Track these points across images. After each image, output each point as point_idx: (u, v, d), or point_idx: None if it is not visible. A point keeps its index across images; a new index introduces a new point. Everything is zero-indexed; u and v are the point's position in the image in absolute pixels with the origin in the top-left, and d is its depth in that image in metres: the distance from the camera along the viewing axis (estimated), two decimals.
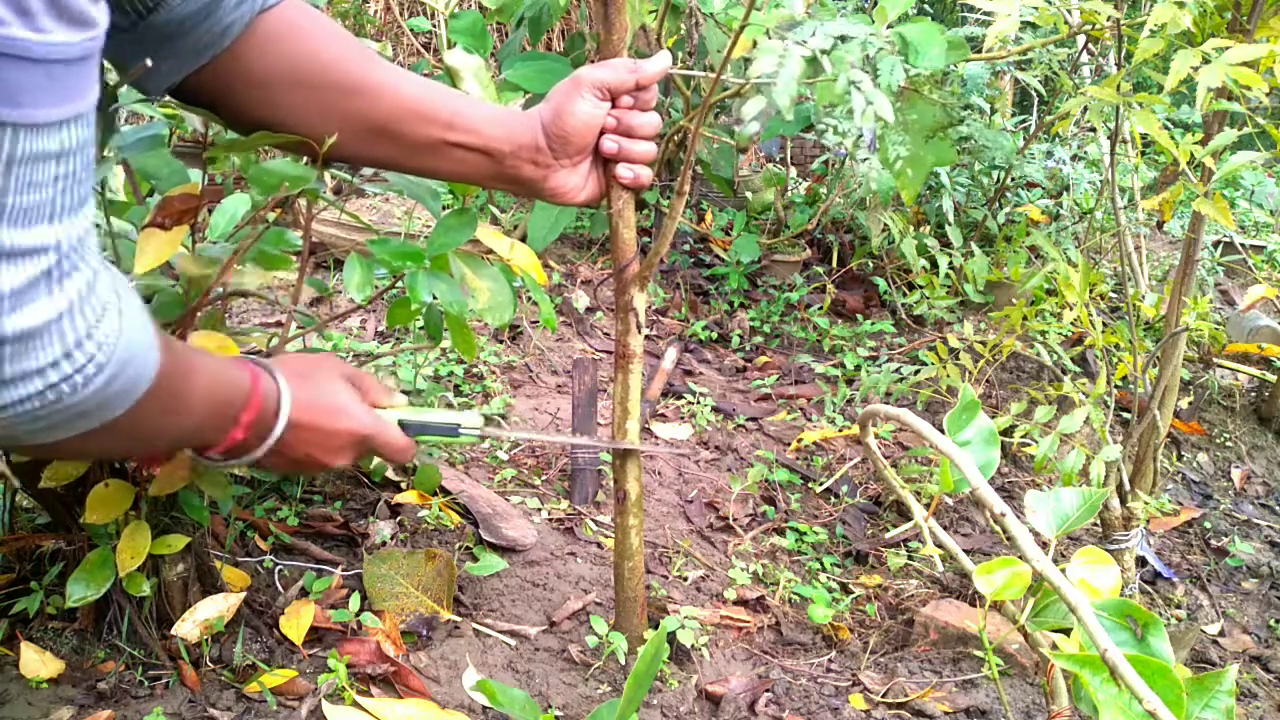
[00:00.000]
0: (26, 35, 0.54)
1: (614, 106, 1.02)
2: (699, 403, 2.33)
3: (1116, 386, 2.34)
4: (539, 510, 1.72)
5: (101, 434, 0.67)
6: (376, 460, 1.35)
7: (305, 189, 0.95)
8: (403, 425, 0.98)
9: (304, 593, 1.35)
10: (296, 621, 1.25)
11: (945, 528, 2.03)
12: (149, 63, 0.81)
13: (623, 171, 1.06)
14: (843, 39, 0.97)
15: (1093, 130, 3.21)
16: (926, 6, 4.98)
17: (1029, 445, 1.88)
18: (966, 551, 1.54)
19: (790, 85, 0.94)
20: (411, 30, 3.78)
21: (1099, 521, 1.86)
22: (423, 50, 4.09)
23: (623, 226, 1.14)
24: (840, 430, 2.28)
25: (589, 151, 1.04)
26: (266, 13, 0.89)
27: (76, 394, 0.62)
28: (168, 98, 0.92)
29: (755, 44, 1.01)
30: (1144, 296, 1.98)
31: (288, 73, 0.91)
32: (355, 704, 1.13)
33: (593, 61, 1.07)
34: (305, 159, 0.97)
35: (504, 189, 1.06)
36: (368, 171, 1.12)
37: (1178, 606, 2.04)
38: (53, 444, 0.66)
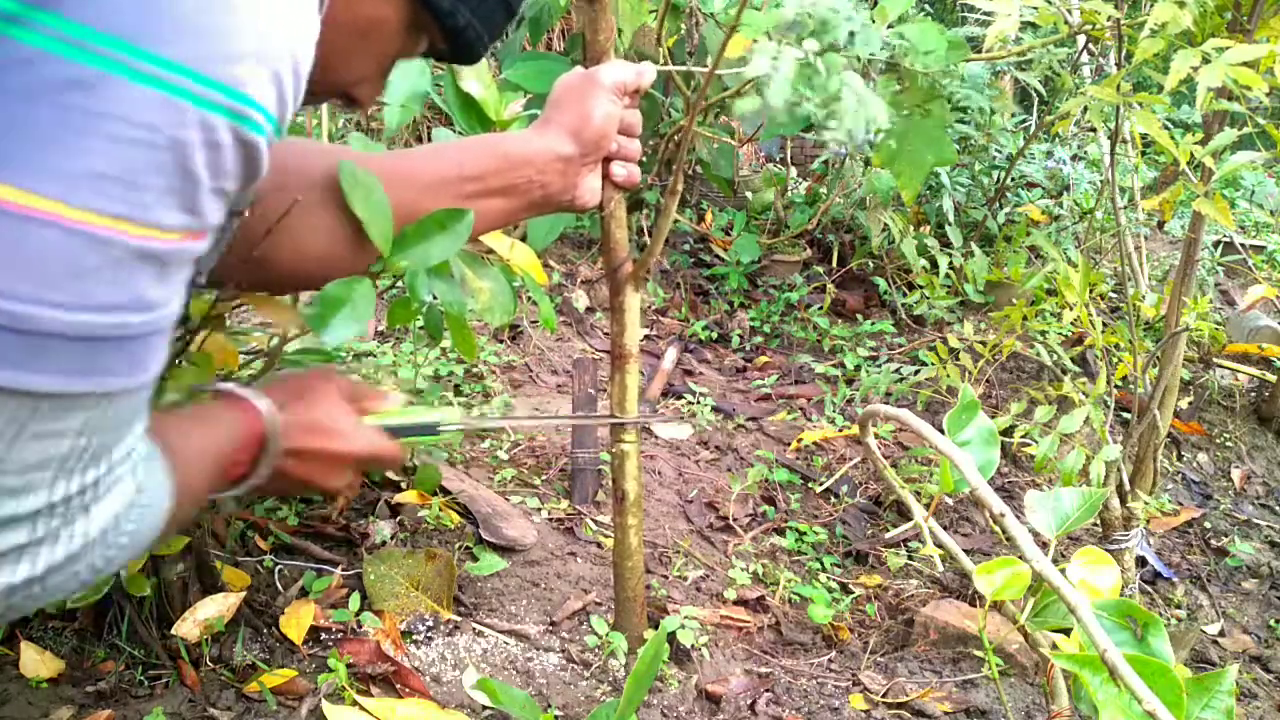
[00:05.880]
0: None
1: None
2: (699, 403, 2.33)
3: (1116, 386, 2.34)
4: (539, 510, 1.72)
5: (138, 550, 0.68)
6: None
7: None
8: (387, 430, 0.98)
9: (304, 592, 1.35)
10: (296, 621, 1.25)
11: (945, 528, 2.03)
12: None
13: (617, 169, 1.06)
14: (824, 24, 0.97)
15: (1093, 130, 3.21)
16: (926, 6, 4.98)
17: (1029, 445, 1.88)
18: (966, 551, 1.53)
19: (784, 87, 0.94)
20: None
21: (1099, 521, 1.86)
22: None
23: (615, 227, 1.14)
24: (840, 430, 2.28)
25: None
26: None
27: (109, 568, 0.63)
28: None
29: (754, 43, 1.01)
30: (1144, 296, 1.99)
31: (323, 209, 0.87)
32: (355, 704, 1.13)
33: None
34: None
35: (539, 214, 1.04)
36: None
37: (1178, 606, 2.04)
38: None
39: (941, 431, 1.06)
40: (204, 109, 0.52)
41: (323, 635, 1.28)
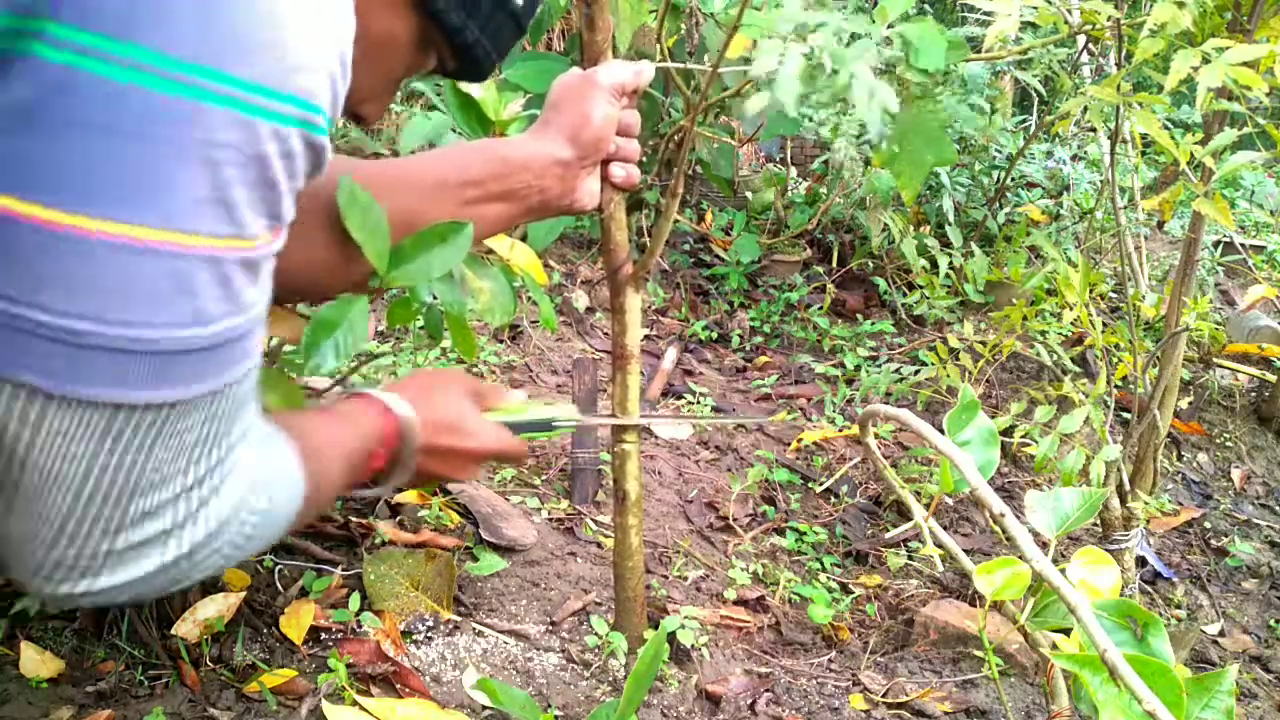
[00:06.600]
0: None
1: None
2: (699, 403, 2.33)
3: (1116, 386, 2.34)
4: (539, 510, 1.72)
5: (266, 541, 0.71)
6: None
7: None
8: (508, 427, 1.00)
9: (304, 592, 1.35)
10: (296, 621, 1.25)
11: (945, 528, 2.03)
12: None
13: (616, 170, 1.05)
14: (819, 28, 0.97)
15: (1093, 130, 3.21)
16: (927, 6, 4.98)
17: (1029, 445, 1.88)
18: (966, 551, 1.54)
19: (791, 83, 0.94)
20: None
21: (1099, 521, 1.86)
22: None
23: (615, 228, 1.14)
24: (840, 430, 2.28)
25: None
26: None
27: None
28: None
29: (755, 44, 1.01)
30: (1144, 296, 1.98)
31: (320, 219, 0.88)
32: (355, 704, 1.13)
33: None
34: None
35: (538, 219, 1.06)
36: None
37: (1178, 606, 2.04)
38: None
39: (941, 431, 1.06)
40: (276, 122, 0.55)
41: (323, 635, 1.28)
